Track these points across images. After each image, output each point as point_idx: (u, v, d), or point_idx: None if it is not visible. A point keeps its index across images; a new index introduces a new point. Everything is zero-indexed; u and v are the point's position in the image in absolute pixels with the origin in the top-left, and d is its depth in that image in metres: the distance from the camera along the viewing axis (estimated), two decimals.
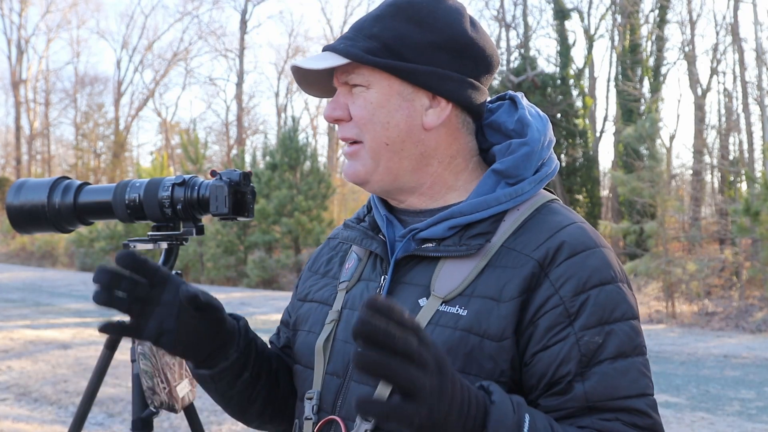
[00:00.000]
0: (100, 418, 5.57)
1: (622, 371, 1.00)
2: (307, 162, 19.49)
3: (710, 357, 8.35)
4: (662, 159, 14.27)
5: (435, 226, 1.12)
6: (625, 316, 1.03)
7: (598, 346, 1.00)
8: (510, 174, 1.13)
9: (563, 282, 1.03)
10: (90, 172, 37.89)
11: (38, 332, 9.78)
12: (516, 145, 1.15)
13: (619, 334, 1.01)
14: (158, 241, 1.87)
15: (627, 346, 1.01)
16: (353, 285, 1.20)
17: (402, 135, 1.13)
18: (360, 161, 1.15)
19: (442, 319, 1.05)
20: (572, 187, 19.23)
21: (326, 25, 54.57)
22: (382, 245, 1.17)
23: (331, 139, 33.61)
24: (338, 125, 1.17)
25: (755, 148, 16.83)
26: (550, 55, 26.96)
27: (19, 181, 1.94)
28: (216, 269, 19.43)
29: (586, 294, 1.02)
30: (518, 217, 1.11)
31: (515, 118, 1.19)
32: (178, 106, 62.25)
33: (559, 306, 1.02)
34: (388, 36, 1.12)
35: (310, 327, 1.22)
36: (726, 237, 14.68)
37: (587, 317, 1.01)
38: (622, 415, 0.98)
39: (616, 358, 1.00)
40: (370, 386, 1.07)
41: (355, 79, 1.13)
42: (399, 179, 1.16)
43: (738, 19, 17.20)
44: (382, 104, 1.12)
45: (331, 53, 1.13)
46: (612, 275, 1.05)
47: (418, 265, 1.13)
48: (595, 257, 1.05)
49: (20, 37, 39.03)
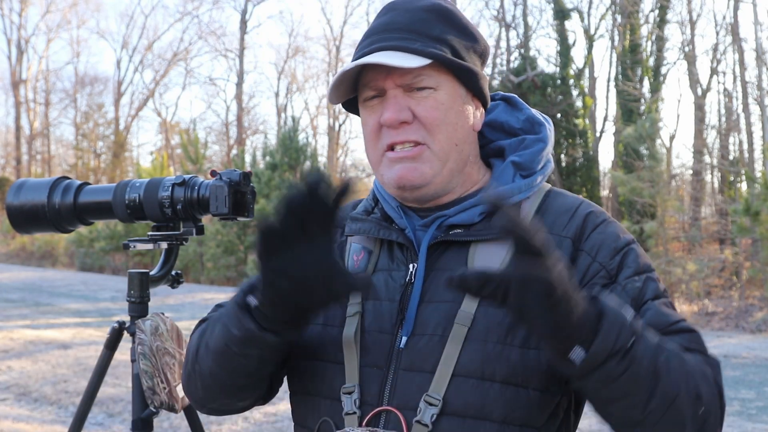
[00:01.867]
0: (100, 418, 5.57)
1: (660, 308, 1.11)
2: (307, 162, 19.48)
3: None
4: (662, 159, 14.26)
5: (464, 212, 1.17)
6: (650, 267, 1.17)
7: (639, 290, 1.12)
8: (525, 167, 1.22)
9: (597, 250, 1.15)
10: (90, 172, 37.86)
11: (38, 332, 9.78)
12: (531, 141, 1.25)
13: (650, 281, 1.14)
14: (158, 241, 1.88)
15: (658, 290, 1.14)
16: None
17: (464, 136, 1.19)
18: (427, 163, 1.15)
19: None
20: (572, 187, 19.22)
21: (326, 25, 54.63)
22: (402, 235, 1.18)
23: (331, 139, 33.61)
24: (392, 129, 1.15)
25: (755, 148, 16.83)
26: (550, 55, 26.95)
27: (19, 181, 1.94)
28: (216, 269, 19.42)
29: (619, 255, 1.15)
30: (532, 204, 1.20)
31: (522, 117, 1.28)
32: (178, 106, 62.18)
33: (600, 270, 1.13)
34: (448, 40, 1.16)
35: (325, 321, 1.19)
36: (726, 237, 14.67)
37: (625, 271, 1.13)
38: (677, 337, 1.07)
39: (655, 299, 1.12)
40: (423, 374, 1.09)
41: (426, 81, 1.15)
42: (453, 180, 1.20)
43: (738, 19, 17.21)
44: (451, 106, 1.17)
45: (403, 53, 1.12)
46: (630, 237, 1.19)
47: (447, 251, 1.16)
48: (613, 225, 1.19)
49: (20, 37, 39.03)
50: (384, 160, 1.18)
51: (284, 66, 36.83)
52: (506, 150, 1.26)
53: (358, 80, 1.19)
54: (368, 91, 1.18)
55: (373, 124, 1.18)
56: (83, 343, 8.94)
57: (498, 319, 1.09)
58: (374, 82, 1.16)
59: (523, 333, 1.08)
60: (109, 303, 13.75)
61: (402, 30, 1.15)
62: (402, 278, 1.17)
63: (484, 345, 1.08)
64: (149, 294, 1.91)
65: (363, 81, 1.18)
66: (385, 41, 1.15)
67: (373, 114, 1.18)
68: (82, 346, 8.80)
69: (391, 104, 1.15)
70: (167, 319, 1.91)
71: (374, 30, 1.19)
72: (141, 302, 1.89)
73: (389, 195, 1.24)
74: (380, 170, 1.19)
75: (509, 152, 1.25)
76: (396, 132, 1.15)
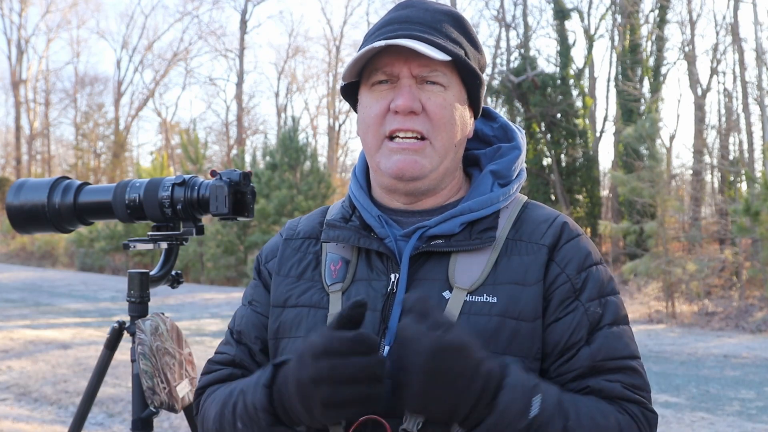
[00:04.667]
0: (100, 418, 5.56)
1: (617, 335, 1.15)
2: (307, 162, 19.48)
3: (710, 357, 8.35)
4: (662, 159, 14.25)
5: (445, 222, 1.18)
6: (614, 290, 1.19)
7: (600, 316, 1.15)
8: (502, 175, 1.25)
9: (567, 262, 1.16)
10: (90, 172, 37.85)
11: (38, 332, 9.78)
12: (506, 149, 1.28)
13: (612, 305, 1.17)
14: (158, 241, 1.87)
15: (618, 316, 1.17)
16: (348, 286, 1.19)
17: (461, 139, 1.22)
18: (427, 158, 1.17)
19: (473, 308, 1.12)
20: (572, 187, 19.22)
21: (326, 25, 54.73)
22: (383, 244, 1.18)
23: (331, 139, 33.61)
24: (398, 116, 1.16)
25: (755, 148, 16.83)
26: (550, 55, 26.97)
27: (19, 181, 1.94)
28: (216, 269, 19.42)
29: (586, 272, 1.17)
30: (510, 214, 1.22)
31: (496, 126, 1.32)
32: (178, 106, 62.24)
33: (566, 283, 1.15)
34: (463, 45, 1.19)
35: (307, 333, 1.19)
36: (726, 237, 14.67)
37: (590, 291, 1.16)
38: (620, 375, 1.12)
39: (612, 325, 1.15)
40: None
41: (439, 77, 1.17)
42: (444, 179, 1.22)
43: (738, 19, 17.20)
44: (456, 107, 1.19)
45: (427, 45, 1.13)
46: (599, 257, 1.22)
47: (428, 261, 1.17)
48: (585, 241, 1.21)
49: (20, 37, 39.02)
50: (383, 148, 1.18)
51: (284, 66, 36.88)
52: (481, 159, 1.29)
53: (365, 64, 1.19)
54: (379, 75, 1.17)
55: (380, 109, 1.17)
56: (83, 343, 8.94)
57: (480, 326, 1.10)
58: (390, 67, 1.16)
59: (505, 338, 1.11)
60: (109, 303, 13.75)
61: (423, 25, 1.17)
62: (383, 288, 1.16)
63: None
64: (149, 294, 1.91)
65: (376, 65, 1.18)
66: (409, 30, 1.16)
67: (381, 99, 1.17)
68: (82, 346, 8.80)
69: (405, 92, 1.15)
70: (167, 319, 1.91)
71: (395, 20, 1.20)
72: (141, 302, 1.89)
73: (368, 203, 1.24)
74: (376, 157, 1.19)
75: (485, 161, 1.29)
76: (403, 119, 1.15)
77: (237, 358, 1.28)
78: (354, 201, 1.27)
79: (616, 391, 1.10)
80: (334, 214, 1.29)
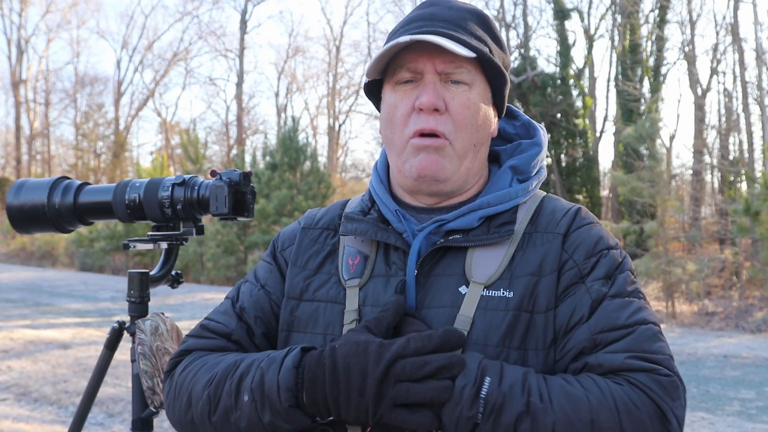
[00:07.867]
0: (100, 418, 5.56)
1: (621, 305, 1.10)
2: (307, 162, 19.47)
3: (710, 357, 8.35)
4: (662, 159, 14.25)
5: (464, 217, 1.18)
6: (623, 268, 1.15)
7: (604, 294, 1.11)
8: (522, 170, 1.24)
9: (575, 248, 1.15)
10: (90, 172, 37.86)
11: (38, 332, 9.77)
12: (527, 145, 1.27)
13: (619, 280, 1.13)
14: (158, 241, 1.87)
15: (623, 289, 1.12)
16: (366, 282, 1.18)
17: (483, 138, 1.21)
18: (447, 159, 1.17)
19: (490, 303, 1.11)
20: (572, 187, 19.22)
21: (326, 25, 54.68)
22: (400, 239, 1.18)
23: (331, 139, 33.60)
24: (423, 114, 1.15)
25: (755, 148, 16.82)
26: (550, 55, 26.96)
27: (19, 181, 1.94)
28: (216, 269, 19.41)
29: (595, 257, 1.14)
30: (529, 208, 1.21)
31: (518, 123, 1.31)
32: (178, 106, 62.17)
33: (573, 268, 1.13)
34: (488, 43, 1.19)
35: (325, 329, 1.18)
36: (726, 237, 14.67)
37: (596, 272, 1.13)
38: (624, 343, 1.05)
39: (615, 297, 1.11)
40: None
41: (464, 75, 1.16)
42: (468, 180, 1.22)
43: (738, 19, 17.20)
44: (480, 107, 1.18)
45: (452, 42, 1.13)
46: (612, 243, 1.18)
47: (445, 256, 1.16)
48: (599, 229, 1.19)
49: (20, 37, 39.02)
50: (408, 147, 1.17)
51: (284, 66, 36.87)
52: (501, 155, 1.29)
53: (389, 62, 1.19)
54: (404, 73, 1.17)
55: (406, 108, 1.17)
56: (83, 343, 8.94)
57: (497, 321, 1.10)
58: (414, 63, 1.16)
59: (520, 332, 1.10)
60: (109, 303, 13.75)
61: (448, 22, 1.17)
62: (400, 284, 1.16)
63: (483, 348, 1.09)
64: (149, 294, 1.91)
65: (400, 62, 1.17)
66: (433, 27, 1.16)
67: (406, 98, 1.17)
68: (82, 346, 8.79)
69: (430, 89, 1.15)
70: (167, 319, 1.91)
71: (419, 17, 1.20)
72: (141, 302, 1.89)
73: (387, 198, 1.24)
74: (403, 157, 1.18)
75: (505, 157, 1.28)
76: (427, 118, 1.15)
77: (235, 333, 1.25)
78: (374, 195, 1.27)
79: (616, 362, 1.04)
80: (354, 207, 1.29)
